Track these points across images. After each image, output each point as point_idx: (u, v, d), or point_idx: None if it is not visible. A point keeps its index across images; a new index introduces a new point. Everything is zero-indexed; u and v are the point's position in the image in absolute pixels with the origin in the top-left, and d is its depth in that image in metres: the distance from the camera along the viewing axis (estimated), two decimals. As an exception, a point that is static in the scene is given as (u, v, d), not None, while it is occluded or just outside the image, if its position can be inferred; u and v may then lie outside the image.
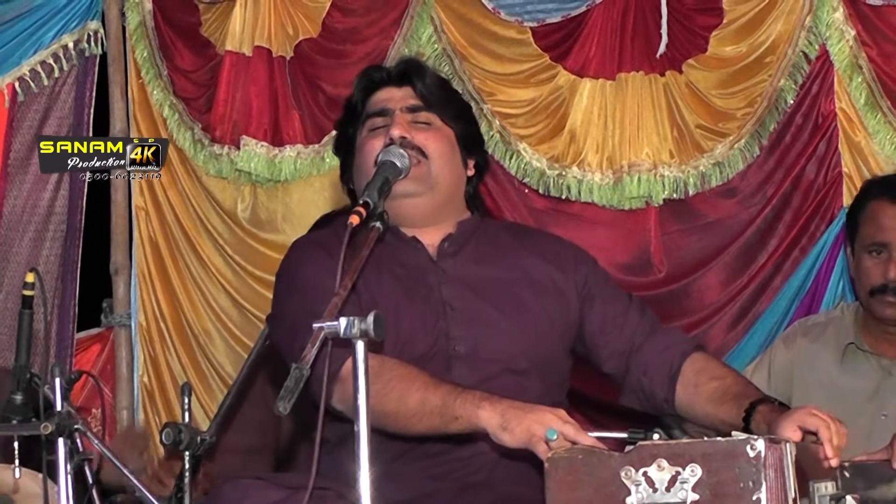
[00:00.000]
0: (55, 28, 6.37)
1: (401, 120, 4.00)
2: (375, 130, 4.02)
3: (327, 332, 3.23)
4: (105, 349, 6.47)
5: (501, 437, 3.51)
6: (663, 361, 4.00)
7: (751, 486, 3.23)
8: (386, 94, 4.08)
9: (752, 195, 5.93)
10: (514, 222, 5.39)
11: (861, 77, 5.78)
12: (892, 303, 4.93)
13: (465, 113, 4.19)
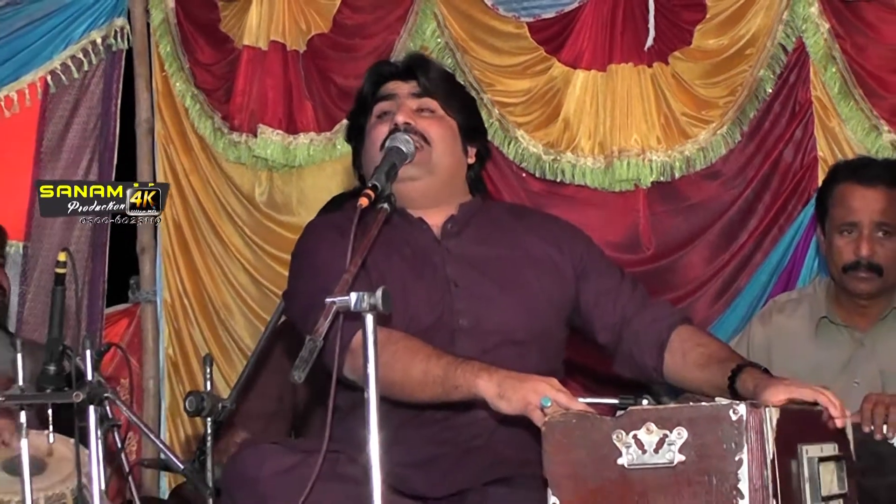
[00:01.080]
0: (84, 24, 6.36)
1: (406, 108, 4.01)
2: (382, 117, 4.04)
3: (339, 306, 3.24)
4: (132, 323, 6.48)
5: (499, 405, 3.52)
6: (653, 332, 4.01)
7: (733, 447, 3.24)
8: (393, 85, 4.09)
9: (733, 178, 5.94)
10: (514, 203, 5.39)
11: (835, 67, 5.78)
12: (864, 278, 4.91)
13: (468, 104, 4.20)
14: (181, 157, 6.40)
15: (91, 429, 3.78)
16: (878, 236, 4.92)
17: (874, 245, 4.90)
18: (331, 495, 3.50)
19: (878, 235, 4.92)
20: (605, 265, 4.19)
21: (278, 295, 5.52)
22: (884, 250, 4.91)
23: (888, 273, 4.93)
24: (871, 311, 5.04)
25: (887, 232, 4.92)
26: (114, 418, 4.05)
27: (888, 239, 4.92)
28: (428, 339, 3.78)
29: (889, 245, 4.92)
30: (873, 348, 5.02)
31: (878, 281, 4.93)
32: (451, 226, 4.06)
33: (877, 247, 4.91)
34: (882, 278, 4.92)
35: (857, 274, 4.92)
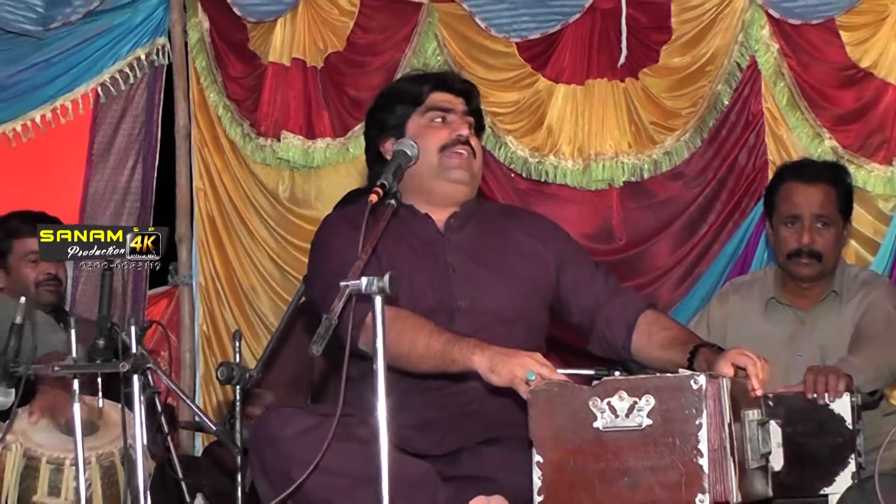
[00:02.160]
0: (130, 43, 6.35)
1: (467, 124, 4.07)
2: (435, 122, 4.06)
3: (352, 289, 3.26)
4: (171, 303, 6.47)
5: (490, 378, 3.57)
6: (622, 316, 4.05)
7: (694, 412, 3.25)
8: (451, 99, 4.12)
9: (695, 178, 5.94)
10: (507, 204, 5.41)
11: (783, 82, 5.79)
12: (806, 263, 4.92)
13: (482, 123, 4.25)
14: (214, 158, 6.38)
15: (135, 395, 3.78)
16: (817, 227, 4.92)
17: (814, 235, 4.91)
18: (344, 453, 3.52)
19: (817, 226, 4.92)
20: (581, 257, 4.23)
21: (299, 279, 5.53)
22: (822, 239, 4.92)
23: (826, 259, 4.93)
24: (811, 293, 5.04)
25: (825, 223, 4.92)
26: (155, 386, 4.06)
27: (826, 229, 4.92)
28: (430, 317, 3.82)
29: (827, 235, 4.93)
30: (814, 326, 5.02)
31: (818, 266, 4.93)
32: (454, 221, 4.09)
33: (816, 236, 4.91)
34: (821, 264, 4.93)
35: (799, 260, 4.93)
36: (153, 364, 3.94)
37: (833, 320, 5.00)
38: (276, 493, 3.61)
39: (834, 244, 4.97)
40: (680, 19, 5.90)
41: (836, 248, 5.00)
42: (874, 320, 4.88)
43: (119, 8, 6.31)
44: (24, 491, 4.35)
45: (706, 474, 3.25)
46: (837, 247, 5.01)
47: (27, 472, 4.35)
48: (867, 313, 4.90)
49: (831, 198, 4.98)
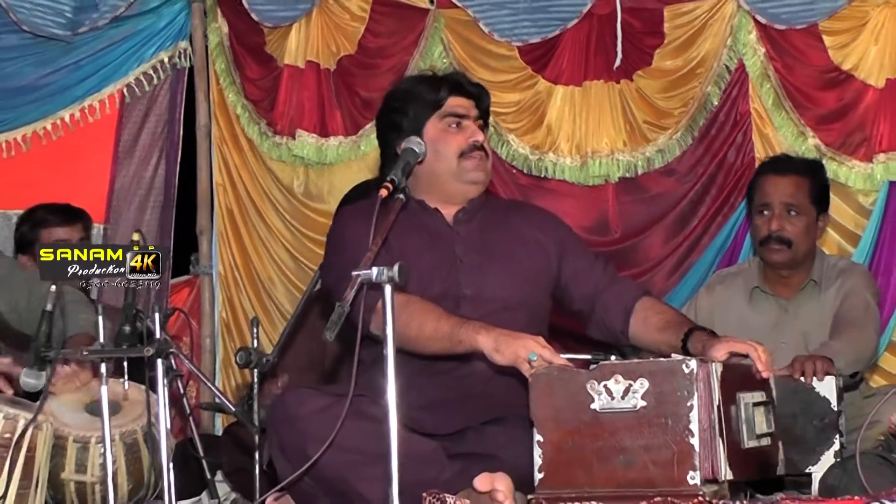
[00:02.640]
0: (154, 47, 6.34)
1: (479, 129, 4.11)
2: (451, 127, 4.09)
3: (363, 278, 3.27)
4: (193, 292, 6.47)
5: (494, 358, 3.60)
6: (620, 302, 4.07)
7: (686, 395, 3.26)
8: (464, 104, 4.13)
9: (686, 174, 5.94)
10: (512, 199, 5.41)
11: (769, 84, 5.78)
12: (776, 249, 4.98)
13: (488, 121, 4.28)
14: (233, 155, 6.38)
15: (158, 378, 3.77)
16: (787, 215, 4.97)
17: (783, 222, 4.96)
18: (356, 431, 3.53)
19: (787, 214, 4.97)
20: (581, 248, 4.25)
21: (313, 269, 5.54)
22: (792, 227, 4.96)
23: (797, 245, 4.98)
24: (791, 282, 5.08)
25: (796, 212, 4.97)
26: (177, 369, 4.06)
27: (797, 218, 4.97)
28: (437, 304, 3.85)
29: (797, 223, 4.97)
30: (796, 313, 5.05)
31: (788, 252, 4.98)
32: (462, 215, 4.12)
33: (786, 223, 4.96)
34: (792, 250, 4.97)
35: (770, 246, 4.99)
36: (176, 349, 3.92)
37: (814, 308, 5.02)
38: (293, 469, 3.63)
39: (804, 232, 5.01)
40: (672, 24, 5.89)
41: (807, 236, 5.02)
42: (853, 307, 4.91)
43: (143, 13, 6.31)
44: (53, 468, 4.35)
45: (697, 453, 3.25)
46: (809, 235, 5.04)
47: (55, 450, 4.34)
48: (846, 300, 4.93)
49: (802, 188, 5.02)
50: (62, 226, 5.49)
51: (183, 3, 6.36)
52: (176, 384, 4.35)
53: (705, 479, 3.27)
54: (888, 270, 5.62)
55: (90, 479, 4.40)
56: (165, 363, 3.81)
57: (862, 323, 4.88)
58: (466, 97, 4.14)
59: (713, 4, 5.83)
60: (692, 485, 3.24)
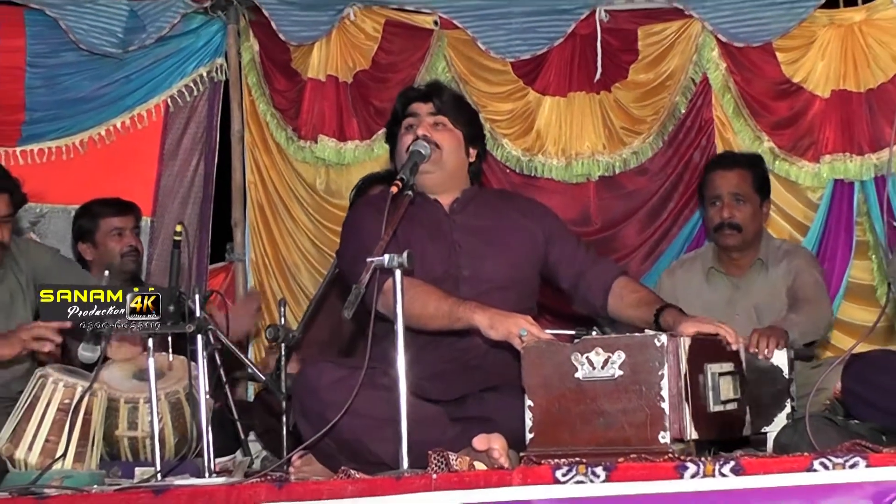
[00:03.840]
0: (194, 62, 6.33)
1: (425, 123, 4.05)
2: (408, 129, 4.07)
3: (376, 264, 3.30)
4: (228, 276, 6.45)
5: (489, 333, 3.63)
6: (600, 281, 4.07)
7: (657, 365, 3.25)
8: (416, 106, 4.11)
9: (657, 173, 5.94)
10: (503, 189, 5.40)
11: (730, 95, 5.79)
12: (728, 234, 5.05)
13: (471, 118, 4.21)
14: (263, 157, 6.36)
15: (198, 351, 3.77)
16: (735, 203, 5.05)
17: (733, 210, 5.04)
18: (370, 399, 3.52)
19: (735, 203, 5.05)
20: (566, 233, 4.24)
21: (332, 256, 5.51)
22: (740, 213, 5.05)
23: (746, 229, 5.05)
24: (741, 262, 5.14)
25: (742, 200, 5.06)
26: (214, 343, 4.05)
27: (743, 205, 5.06)
28: (438, 285, 3.86)
29: (744, 209, 5.06)
30: (747, 290, 5.11)
31: (739, 236, 5.05)
32: (456, 205, 4.11)
33: (735, 211, 5.04)
34: (742, 234, 5.05)
35: (723, 232, 5.06)
36: (213, 326, 3.93)
37: (762, 284, 5.08)
38: (314, 432, 3.62)
39: (751, 217, 5.08)
40: (645, 43, 5.89)
41: (753, 221, 5.09)
42: (805, 284, 4.97)
43: (185, 34, 6.29)
44: (108, 427, 4.36)
45: (667, 415, 3.25)
46: (755, 220, 5.11)
47: (109, 412, 4.36)
48: (798, 278, 4.99)
49: (746, 179, 5.10)
50: (117, 216, 5.49)
51: (219, 25, 6.35)
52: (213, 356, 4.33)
53: (674, 438, 3.26)
54: (833, 256, 5.64)
55: (141, 434, 4.42)
56: (204, 338, 3.81)
57: (815, 297, 4.94)
58: (419, 101, 4.12)
59: (680, 25, 5.83)
60: (662, 443, 3.24)
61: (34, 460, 4.06)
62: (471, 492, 3.11)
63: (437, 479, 3.16)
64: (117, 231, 5.46)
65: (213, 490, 3.35)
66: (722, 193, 5.08)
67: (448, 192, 4.12)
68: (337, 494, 3.21)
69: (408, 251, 3.31)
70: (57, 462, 3.99)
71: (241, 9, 6.31)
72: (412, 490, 3.14)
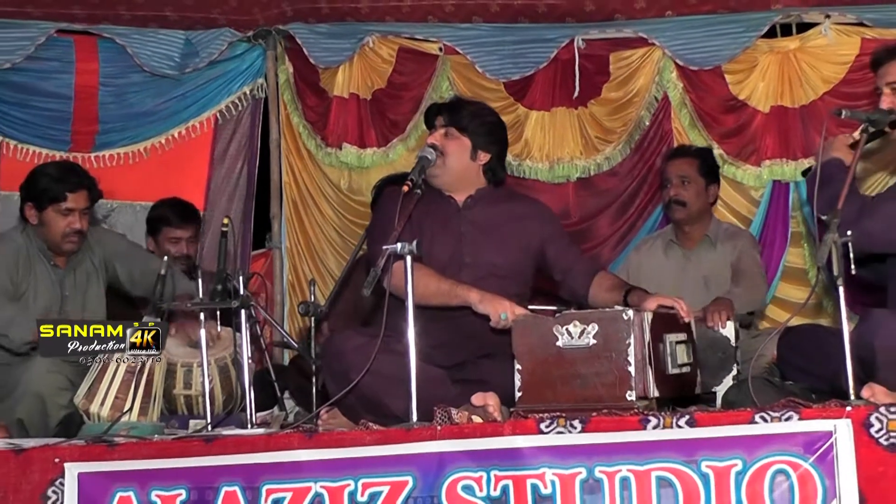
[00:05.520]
0: (239, 82, 6.32)
1: (437, 134, 4.08)
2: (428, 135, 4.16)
3: (391, 251, 3.33)
4: (267, 261, 6.44)
5: (478, 308, 3.72)
6: (584, 276, 4.10)
7: (625, 335, 3.26)
8: (439, 118, 4.14)
9: (625, 176, 5.92)
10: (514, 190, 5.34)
11: (686, 109, 5.78)
12: (675, 209, 5.19)
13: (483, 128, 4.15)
14: (297, 161, 6.35)
15: (242, 323, 3.77)
16: (682, 185, 5.17)
17: (679, 189, 5.17)
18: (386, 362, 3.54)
19: (682, 184, 5.17)
20: (562, 235, 4.25)
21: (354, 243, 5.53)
22: (686, 192, 5.17)
23: (690, 206, 5.17)
24: (692, 235, 5.23)
25: (688, 181, 5.18)
26: (256, 317, 4.05)
27: (689, 185, 5.17)
28: (444, 269, 3.88)
29: (690, 189, 5.17)
30: (697, 261, 5.19)
31: (684, 210, 5.18)
32: (470, 201, 4.12)
33: (681, 190, 5.16)
34: (686, 208, 5.17)
35: (672, 207, 5.20)
36: (255, 302, 3.93)
37: (710, 257, 5.17)
38: (339, 389, 3.63)
39: (696, 196, 5.18)
40: (615, 66, 5.86)
41: (697, 199, 5.19)
42: (747, 262, 5.06)
43: (231, 58, 6.28)
44: (167, 386, 4.36)
45: (633, 377, 3.26)
46: (700, 198, 5.20)
47: (168, 374, 4.36)
48: (741, 258, 5.08)
49: (692, 165, 5.20)
50: (177, 227, 5.50)
51: (260, 51, 6.33)
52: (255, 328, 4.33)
53: (639, 396, 3.27)
54: (772, 244, 5.64)
55: (194, 393, 4.44)
56: (248, 312, 3.81)
57: (754, 275, 5.02)
58: (437, 114, 4.15)
59: (645, 52, 5.80)
60: (629, 400, 3.25)
61: (105, 413, 4.06)
62: (469, 440, 3.13)
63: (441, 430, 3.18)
64: (175, 239, 5.46)
65: (254, 439, 3.37)
66: (671, 176, 5.19)
67: (461, 190, 4.12)
68: (357, 443, 3.23)
69: (416, 240, 3.34)
70: (124, 415, 4.00)
71: (278, 38, 6.29)
72: (420, 439, 3.17)
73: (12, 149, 6.02)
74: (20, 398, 4.29)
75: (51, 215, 4.73)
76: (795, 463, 2.88)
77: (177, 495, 3.32)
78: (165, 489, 3.33)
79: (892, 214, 3.61)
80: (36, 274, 4.76)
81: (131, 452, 3.43)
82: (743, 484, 2.90)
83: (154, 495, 3.33)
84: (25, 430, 4.22)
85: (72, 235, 4.75)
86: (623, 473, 2.97)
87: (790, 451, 2.88)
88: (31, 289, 4.73)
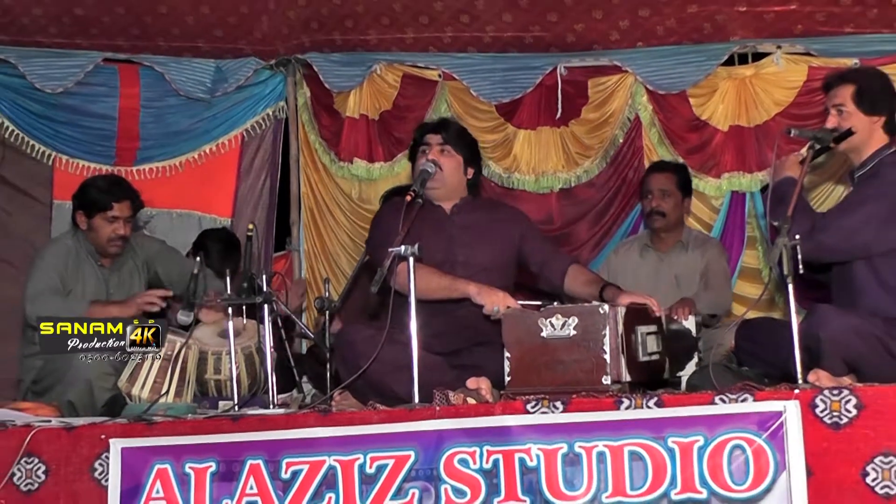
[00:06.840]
0: (262, 104, 6.31)
1: (433, 150, 4.07)
2: (422, 153, 4.10)
3: (395, 252, 3.33)
4: (287, 261, 6.43)
5: (476, 299, 3.71)
6: (559, 268, 4.09)
7: (601, 327, 3.26)
8: (429, 136, 4.13)
9: (602, 186, 5.90)
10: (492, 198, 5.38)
11: (655, 129, 5.76)
12: (656, 219, 5.16)
13: (470, 146, 4.21)
14: (313, 174, 6.34)
15: (265, 316, 3.77)
16: (662, 197, 5.15)
17: (660, 201, 5.14)
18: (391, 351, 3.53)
19: (662, 196, 5.15)
20: (535, 232, 4.26)
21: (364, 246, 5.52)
22: (665, 203, 5.14)
23: (669, 216, 5.15)
24: (666, 241, 5.21)
25: (667, 194, 5.15)
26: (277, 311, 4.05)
27: (668, 197, 5.17)
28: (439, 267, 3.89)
29: (669, 200, 5.16)
30: (670, 263, 5.16)
31: (663, 220, 5.16)
32: (456, 209, 4.13)
33: (661, 202, 5.15)
34: (665, 218, 5.15)
35: (652, 217, 5.16)
36: (276, 298, 3.93)
37: (682, 261, 5.15)
38: (350, 375, 3.64)
39: (673, 207, 5.17)
40: (594, 90, 5.84)
41: (675, 210, 5.18)
42: (715, 271, 5.07)
43: (256, 84, 6.27)
44: (199, 372, 4.36)
45: (608, 364, 3.26)
46: (676, 209, 5.19)
47: (200, 361, 4.36)
48: (710, 265, 5.09)
49: (671, 179, 5.19)
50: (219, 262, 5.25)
51: (281, 77, 6.31)
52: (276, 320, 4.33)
53: (613, 380, 3.28)
54: (730, 247, 5.61)
55: (224, 377, 4.42)
56: (270, 307, 3.81)
57: (720, 282, 5.04)
58: (431, 133, 4.13)
59: (619, 78, 5.79)
60: (605, 384, 3.26)
61: (145, 395, 4.07)
62: (464, 419, 3.14)
63: (439, 410, 3.19)
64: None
65: (276, 418, 3.37)
66: (652, 189, 5.16)
67: (449, 199, 4.14)
68: (366, 421, 3.24)
69: (418, 244, 3.35)
70: (162, 397, 4.00)
71: (297, 65, 6.28)
72: (421, 418, 3.17)
73: (64, 162, 6.04)
74: (71, 382, 4.28)
75: (98, 222, 4.75)
76: (750, 439, 2.89)
77: (207, 467, 3.33)
78: (198, 462, 3.35)
79: (846, 227, 3.67)
80: (84, 273, 4.77)
81: (168, 430, 3.45)
82: (705, 457, 2.91)
83: (188, 467, 3.35)
84: (75, 410, 4.22)
85: (116, 240, 4.77)
86: (600, 448, 2.98)
87: (746, 429, 2.89)
88: (79, 285, 4.73)
